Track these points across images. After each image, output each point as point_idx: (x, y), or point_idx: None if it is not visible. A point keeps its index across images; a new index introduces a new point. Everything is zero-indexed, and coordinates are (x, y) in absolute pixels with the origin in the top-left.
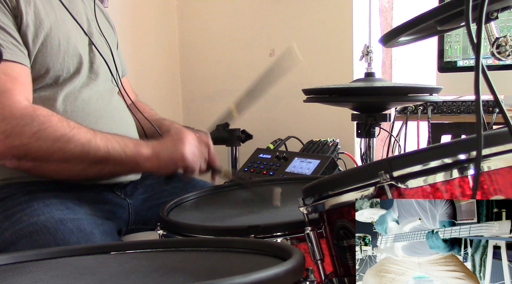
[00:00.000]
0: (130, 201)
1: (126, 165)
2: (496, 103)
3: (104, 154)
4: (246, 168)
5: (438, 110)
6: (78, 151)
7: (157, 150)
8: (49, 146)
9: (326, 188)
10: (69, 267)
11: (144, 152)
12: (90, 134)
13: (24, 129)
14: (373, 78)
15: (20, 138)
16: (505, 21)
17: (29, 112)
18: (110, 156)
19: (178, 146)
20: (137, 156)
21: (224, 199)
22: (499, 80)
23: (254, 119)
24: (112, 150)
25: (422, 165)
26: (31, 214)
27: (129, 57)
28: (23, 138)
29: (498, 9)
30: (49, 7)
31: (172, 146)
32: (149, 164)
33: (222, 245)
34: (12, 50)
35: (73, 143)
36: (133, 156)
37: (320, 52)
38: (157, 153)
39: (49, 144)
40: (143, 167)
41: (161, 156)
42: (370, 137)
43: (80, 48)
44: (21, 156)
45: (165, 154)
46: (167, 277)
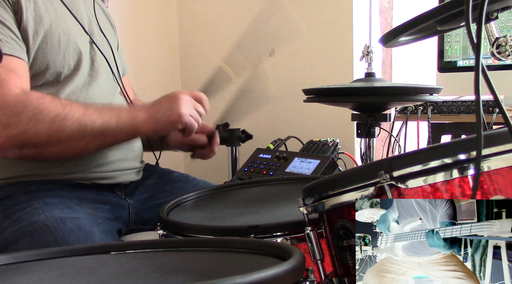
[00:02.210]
0: (130, 201)
1: (125, 131)
2: (496, 103)
3: (102, 125)
4: (246, 168)
5: (438, 110)
6: (75, 127)
7: (153, 111)
8: (47, 128)
9: (326, 188)
10: (69, 267)
11: (140, 115)
12: (83, 108)
13: (20, 117)
14: (373, 78)
15: (17, 126)
16: (505, 21)
17: (22, 99)
18: (108, 126)
19: (173, 105)
20: (134, 121)
21: (224, 199)
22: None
23: (254, 119)
24: (108, 119)
25: (422, 165)
26: (31, 213)
27: (129, 57)
28: (20, 126)
29: (498, 9)
30: (49, 3)
31: (168, 106)
32: (147, 126)
33: (222, 245)
34: (10, 44)
35: (68, 120)
36: (130, 121)
37: (320, 52)
38: (154, 115)
39: (46, 126)
40: (141, 130)
41: (158, 117)
42: (370, 137)
43: (81, 45)
44: (21, 144)
45: (162, 115)
46: (167, 277)
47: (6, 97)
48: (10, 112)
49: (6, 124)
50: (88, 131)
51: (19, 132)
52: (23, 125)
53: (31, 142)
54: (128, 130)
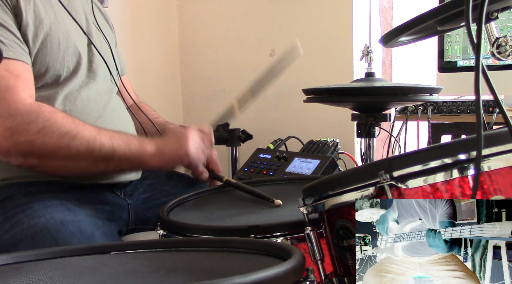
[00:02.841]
0: (130, 201)
1: (131, 161)
2: (496, 103)
3: (109, 150)
4: (246, 168)
5: (438, 110)
6: (83, 148)
7: (161, 146)
8: (55, 142)
9: (326, 188)
10: (69, 267)
11: (149, 149)
12: (95, 131)
13: (30, 126)
14: (373, 78)
15: (26, 135)
16: (505, 21)
17: (34, 109)
18: (115, 153)
19: (181, 142)
20: (142, 153)
21: (224, 199)
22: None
23: (254, 119)
24: (117, 147)
25: (422, 165)
26: (32, 216)
27: (129, 57)
28: (29, 135)
29: (498, 9)
30: (48, 6)
31: (176, 142)
32: (153, 160)
33: (222, 245)
34: (14, 48)
35: (78, 139)
36: (138, 153)
37: (320, 52)
38: (161, 150)
39: (55, 140)
40: (147, 163)
41: (165, 152)
42: (370, 137)
43: (80, 47)
44: (27, 152)
45: (169, 150)
46: (167, 277)
47: (18, 105)
48: (21, 120)
49: (15, 131)
50: (95, 154)
51: (26, 141)
52: (32, 134)
53: (37, 152)
54: (134, 162)
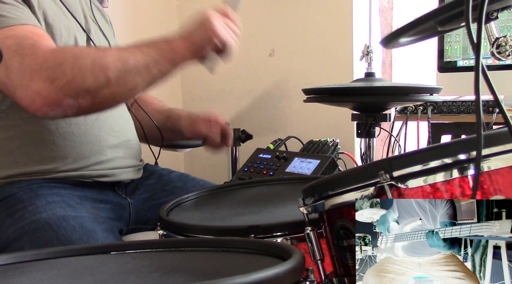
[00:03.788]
0: (131, 201)
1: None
2: (496, 103)
3: (143, 57)
4: (246, 168)
5: (438, 110)
6: (117, 63)
7: (187, 35)
8: (91, 69)
9: (326, 188)
10: (69, 267)
11: (176, 42)
12: (118, 48)
13: (63, 67)
14: (373, 78)
15: (64, 76)
16: (505, 21)
17: (59, 51)
18: (149, 57)
19: (206, 24)
20: (172, 47)
21: (224, 199)
22: (499, 80)
23: (254, 119)
24: (146, 50)
25: (422, 165)
26: (33, 211)
27: None
28: (67, 75)
29: (498, 9)
30: (50, 0)
31: (201, 25)
32: (185, 50)
33: (222, 245)
34: (34, 21)
35: (108, 56)
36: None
37: (320, 52)
38: (188, 38)
39: (90, 67)
40: (180, 54)
41: (193, 37)
42: (370, 137)
43: (80, 43)
44: (74, 92)
45: (197, 34)
46: (167, 277)
47: (45, 54)
48: (53, 65)
49: (54, 77)
50: (132, 65)
51: (67, 81)
52: (69, 73)
53: (82, 87)
54: (170, 58)
